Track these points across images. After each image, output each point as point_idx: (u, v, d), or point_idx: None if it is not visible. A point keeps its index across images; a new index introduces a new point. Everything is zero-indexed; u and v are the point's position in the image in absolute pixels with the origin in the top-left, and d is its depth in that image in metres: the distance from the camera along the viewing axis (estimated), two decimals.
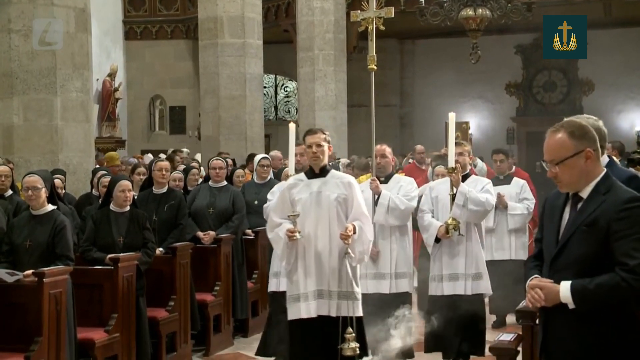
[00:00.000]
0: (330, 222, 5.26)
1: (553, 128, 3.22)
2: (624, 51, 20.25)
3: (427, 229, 6.35)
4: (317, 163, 5.40)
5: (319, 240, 5.26)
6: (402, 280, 6.37)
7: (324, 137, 5.40)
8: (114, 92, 17.77)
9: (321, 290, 5.25)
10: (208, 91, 14.41)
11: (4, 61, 8.34)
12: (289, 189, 5.45)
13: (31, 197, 5.64)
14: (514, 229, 8.24)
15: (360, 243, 5.25)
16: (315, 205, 5.29)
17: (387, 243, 6.38)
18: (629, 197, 3.08)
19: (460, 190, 6.14)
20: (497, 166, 8.58)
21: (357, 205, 5.30)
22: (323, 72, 16.46)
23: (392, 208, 6.26)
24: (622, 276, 2.98)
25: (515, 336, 3.20)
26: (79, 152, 8.66)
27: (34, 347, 5.08)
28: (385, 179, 6.49)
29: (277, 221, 5.35)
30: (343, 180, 5.43)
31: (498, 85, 22.09)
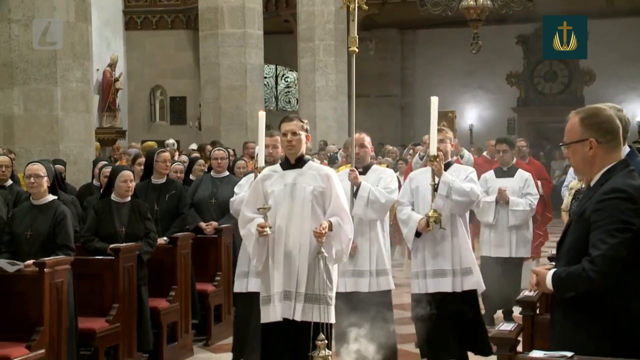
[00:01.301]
0: (304, 217, 4.85)
1: (575, 111, 3.26)
2: (626, 42, 20.22)
3: (407, 222, 5.98)
4: (293, 153, 4.99)
5: (289, 237, 4.84)
6: (382, 277, 5.97)
7: (301, 124, 5.00)
8: (114, 83, 17.75)
9: (287, 291, 4.83)
10: (208, 81, 14.41)
11: (4, 51, 8.33)
12: (262, 180, 5.05)
13: (33, 184, 5.64)
14: (514, 226, 7.75)
15: (338, 241, 4.84)
16: (288, 198, 4.89)
17: (366, 238, 5.97)
18: (609, 188, 3.07)
19: (444, 180, 5.75)
20: (500, 156, 8.05)
21: (336, 200, 4.89)
22: (324, 63, 16.46)
23: (372, 201, 5.86)
24: (584, 266, 3.01)
25: (515, 326, 3.21)
26: (80, 142, 8.66)
27: (35, 336, 5.09)
28: (363, 170, 6.05)
29: (249, 216, 4.96)
30: (321, 172, 5.00)
31: (499, 76, 22.08)
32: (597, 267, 2.97)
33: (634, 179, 3.12)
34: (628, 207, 3.01)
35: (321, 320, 4.69)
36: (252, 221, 4.90)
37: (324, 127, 16.35)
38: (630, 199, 3.02)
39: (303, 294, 4.81)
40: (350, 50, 6.31)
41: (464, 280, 5.89)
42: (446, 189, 5.73)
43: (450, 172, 5.93)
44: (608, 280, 2.98)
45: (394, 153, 13.04)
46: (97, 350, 5.78)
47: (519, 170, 7.99)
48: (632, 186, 3.06)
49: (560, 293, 3.13)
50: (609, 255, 2.96)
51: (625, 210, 3.00)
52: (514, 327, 3.18)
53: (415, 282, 5.98)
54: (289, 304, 4.80)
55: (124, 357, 6.07)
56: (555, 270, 3.14)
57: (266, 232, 4.79)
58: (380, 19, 19.92)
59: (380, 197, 5.87)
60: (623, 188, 3.04)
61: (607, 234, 2.98)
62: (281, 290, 4.81)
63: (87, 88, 8.79)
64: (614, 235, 2.97)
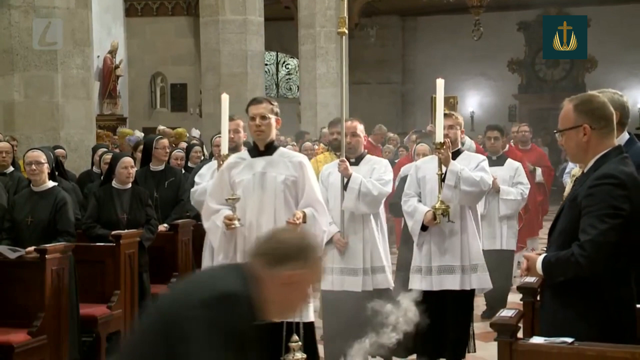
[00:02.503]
0: (276, 209, 4.52)
1: (569, 98, 3.28)
2: (628, 28, 20.17)
3: (412, 215, 5.52)
4: (262, 138, 4.62)
5: (261, 230, 4.41)
6: (379, 275, 5.50)
7: (271, 107, 4.63)
8: (114, 69, 17.71)
9: None
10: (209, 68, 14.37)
11: (4, 38, 8.31)
12: (228, 169, 4.67)
13: (34, 171, 5.65)
14: (505, 216, 7.37)
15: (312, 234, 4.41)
16: (258, 189, 4.55)
17: (359, 235, 5.51)
18: (600, 174, 3.08)
19: (451, 169, 5.30)
20: (491, 144, 7.66)
21: (310, 190, 4.57)
22: (324, 50, 16.42)
23: (364, 193, 5.41)
24: (573, 251, 3.02)
25: (516, 312, 3.21)
26: (80, 129, 8.65)
27: (37, 322, 5.11)
28: (355, 161, 5.63)
29: (214, 207, 4.60)
30: (293, 159, 4.65)
31: (500, 63, 22.03)
32: (586, 252, 2.98)
33: (626, 166, 3.12)
34: (619, 193, 3.01)
35: (300, 320, 4.30)
36: (218, 213, 4.54)
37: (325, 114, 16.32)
38: (621, 184, 3.03)
39: None
40: (339, 32, 5.95)
41: (473, 277, 5.46)
42: (454, 178, 5.29)
43: (460, 160, 5.51)
44: (597, 265, 2.99)
45: (395, 140, 13.04)
46: (99, 337, 5.80)
47: (509, 159, 7.64)
48: (623, 172, 3.07)
49: (550, 278, 3.15)
50: (599, 240, 2.97)
51: (616, 196, 3.01)
52: (515, 314, 3.18)
53: (417, 277, 5.52)
54: None
55: None
56: (545, 255, 3.16)
57: (235, 225, 4.44)
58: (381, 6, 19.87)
59: (373, 189, 5.43)
60: (614, 174, 3.05)
61: (597, 219, 2.99)
62: None
63: (88, 75, 8.78)
64: (604, 220, 2.98)
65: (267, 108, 4.62)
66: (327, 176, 5.66)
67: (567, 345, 2.89)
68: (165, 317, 2.39)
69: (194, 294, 2.39)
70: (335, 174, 5.54)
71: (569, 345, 2.89)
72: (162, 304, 2.49)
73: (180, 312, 2.35)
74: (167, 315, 2.38)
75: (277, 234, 2.58)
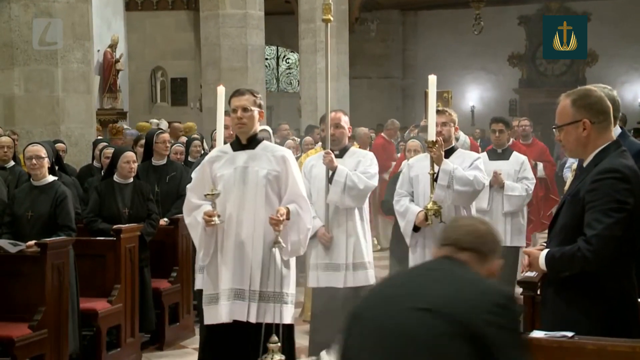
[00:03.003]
0: (257, 205, 4.34)
1: (566, 93, 3.27)
2: (628, 22, 20.14)
3: (404, 215, 5.34)
4: (244, 131, 4.46)
5: (242, 227, 4.33)
6: (360, 272, 5.41)
7: (254, 99, 4.45)
8: (115, 64, 17.69)
9: (239, 290, 4.30)
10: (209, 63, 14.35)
11: (4, 31, 8.29)
12: (209, 163, 4.52)
13: (34, 166, 5.65)
14: (510, 212, 7.15)
15: (296, 231, 4.36)
16: (239, 183, 4.38)
17: (343, 229, 5.41)
18: (603, 168, 3.08)
19: (444, 168, 5.13)
20: (496, 137, 7.45)
21: (293, 185, 4.40)
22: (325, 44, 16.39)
23: (350, 187, 5.29)
24: (579, 246, 3.02)
25: None
26: (81, 123, 8.64)
27: (37, 316, 5.11)
28: (339, 153, 5.50)
29: (195, 202, 4.44)
30: (276, 153, 4.48)
31: (501, 57, 22.01)
32: (592, 246, 2.98)
33: (627, 159, 3.14)
34: (623, 187, 3.02)
35: (275, 321, 4.21)
36: (199, 209, 4.39)
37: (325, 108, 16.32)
38: (624, 178, 3.03)
39: (257, 292, 4.30)
40: (324, 19, 5.64)
41: None
42: (447, 178, 5.13)
43: (454, 158, 5.34)
44: (603, 259, 3.00)
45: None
46: (99, 331, 5.81)
47: (514, 152, 7.46)
48: (626, 166, 3.08)
49: (554, 273, 3.15)
50: (605, 234, 2.97)
51: (620, 190, 3.01)
52: None
53: None
54: (242, 304, 4.28)
55: (126, 337, 6.10)
56: (548, 250, 3.16)
57: (214, 222, 4.26)
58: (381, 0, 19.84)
59: (359, 182, 5.33)
60: (618, 168, 3.05)
61: (602, 213, 2.99)
62: (230, 287, 4.30)
63: (88, 69, 8.76)
64: (609, 215, 2.99)
65: (249, 100, 4.45)
66: (310, 169, 5.56)
67: (568, 339, 2.90)
68: (456, 328, 2.20)
69: (484, 300, 2.27)
70: (319, 167, 5.41)
71: (569, 340, 2.90)
72: (431, 319, 2.24)
73: (480, 320, 2.22)
74: (458, 326, 2.21)
75: (469, 227, 2.56)
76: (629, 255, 3.08)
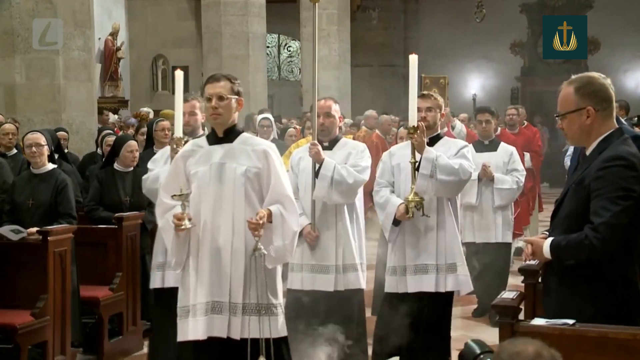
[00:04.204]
0: (235, 206, 3.85)
1: (568, 81, 3.24)
2: (631, 10, 20.09)
3: (384, 207, 4.92)
4: (220, 122, 3.96)
5: (219, 231, 3.84)
6: (351, 274, 4.97)
7: (231, 86, 3.98)
8: (116, 52, 17.66)
9: (218, 302, 3.81)
10: (211, 51, 14.34)
11: (5, 19, 8.28)
12: (183, 158, 4.02)
13: (34, 153, 5.65)
14: (500, 206, 6.80)
15: (279, 236, 3.84)
16: (215, 182, 3.90)
17: (332, 228, 4.97)
18: (609, 156, 3.07)
19: (427, 157, 4.70)
20: (482, 128, 7.11)
21: (277, 184, 3.90)
22: (326, 32, 16.37)
23: (338, 181, 4.86)
24: (586, 234, 3.01)
25: (517, 294, 3.22)
26: (82, 111, 8.64)
27: (39, 304, 5.12)
28: (329, 145, 5.07)
29: (168, 203, 3.93)
30: (257, 147, 3.96)
31: (503, 45, 21.97)
32: (600, 234, 2.98)
33: (630, 147, 3.13)
34: (630, 174, 3.02)
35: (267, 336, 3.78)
36: (172, 210, 3.91)
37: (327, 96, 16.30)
38: (631, 166, 3.03)
39: (240, 305, 3.81)
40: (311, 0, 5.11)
41: (449, 278, 4.86)
42: (430, 167, 4.69)
43: (438, 147, 4.92)
44: (611, 247, 3.00)
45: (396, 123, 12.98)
46: (101, 318, 5.82)
47: (502, 143, 7.10)
48: (632, 154, 3.08)
49: (559, 261, 3.14)
50: (613, 222, 2.97)
51: (627, 177, 3.01)
52: (516, 295, 3.19)
53: (392, 279, 4.94)
54: (221, 318, 3.80)
55: (128, 325, 6.12)
56: (553, 238, 3.15)
57: (184, 226, 3.77)
58: None
59: (348, 176, 4.88)
60: (624, 155, 3.04)
61: (609, 201, 2.99)
62: (207, 300, 3.81)
63: (89, 57, 8.75)
64: (616, 202, 2.98)
65: (225, 87, 3.96)
66: (298, 162, 5.15)
67: (569, 326, 2.90)
68: None
69: None
70: (307, 159, 5.00)
71: (571, 327, 2.90)
72: None
73: None
74: None
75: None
76: (634, 243, 3.08)
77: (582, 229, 3.05)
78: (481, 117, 7.15)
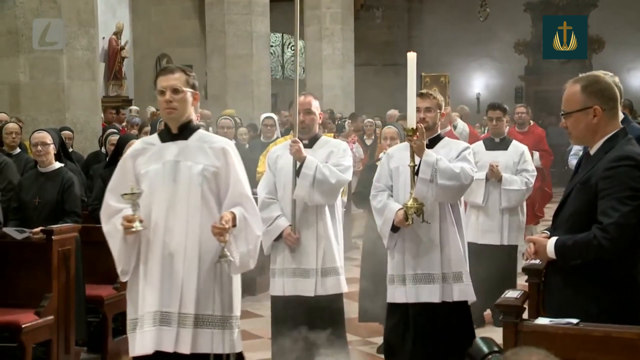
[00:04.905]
0: (190, 208, 3.56)
1: (573, 79, 3.22)
2: (635, 9, 20.05)
3: (382, 212, 4.69)
4: (174, 118, 3.66)
5: (172, 235, 3.55)
6: (331, 278, 4.76)
7: (186, 78, 3.67)
8: (120, 51, 17.68)
9: (166, 313, 3.51)
10: (214, 50, 14.36)
11: (9, 18, 8.30)
12: (132, 157, 3.72)
13: (40, 152, 5.68)
14: (507, 208, 6.54)
15: (243, 241, 3.58)
16: (168, 182, 3.60)
17: (312, 229, 4.75)
18: (616, 156, 3.05)
19: (426, 160, 4.48)
20: (493, 125, 6.84)
21: (236, 184, 3.63)
22: (330, 31, 16.37)
23: (320, 181, 4.65)
24: (595, 234, 3.00)
25: (521, 293, 3.21)
26: (86, 110, 8.66)
27: (44, 303, 5.13)
28: (309, 143, 4.85)
29: (115, 207, 3.62)
30: (214, 145, 3.68)
31: (507, 44, 21.94)
32: (609, 234, 2.96)
33: (635, 147, 3.12)
34: (638, 174, 3.01)
35: (220, 351, 3.51)
36: (119, 213, 3.60)
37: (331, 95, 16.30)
38: (639, 166, 3.02)
39: (192, 317, 3.51)
40: None
41: (455, 288, 4.67)
42: (430, 171, 4.48)
43: (438, 148, 4.71)
44: (620, 247, 2.99)
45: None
46: (105, 317, 5.82)
47: (514, 141, 6.84)
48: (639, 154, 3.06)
49: (565, 261, 3.12)
50: (622, 222, 2.96)
51: (635, 177, 3.00)
52: (520, 295, 3.18)
53: (392, 288, 4.76)
54: (169, 331, 3.49)
55: None
56: (557, 238, 3.13)
57: (134, 228, 3.48)
58: None
59: (330, 176, 4.68)
60: (632, 155, 3.04)
61: (618, 201, 2.98)
62: (156, 310, 3.51)
63: (93, 56, 8.77)
64: (625, 202, 2.97)
65: (180, 79, 3.65)
66: (276, 160, 4.92)
67: (573, 326, 2.90)
68: None
69: None
70: (286, 157, 4.79)
71: (575, 326, 2.90)
72: None
73: None
74: None
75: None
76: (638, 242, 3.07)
77: (586, 228, 3.04)
78: (492, 114, 6.84)
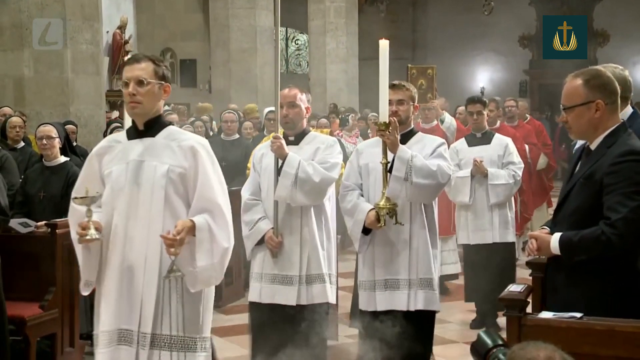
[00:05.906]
0: (153, 214, 3.21)
1: (574, 73, 3.19)
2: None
3: (352, 213, 4.39)
4: (139, 113, 3.30)
5: (132, 244, 3.22)
6: (316, 286, 4.38)
7: (154, 68, 3.29)
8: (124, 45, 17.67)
9: (125, 331, 3.21)
10: (219, 44, 14.37)
11: (14, 12, 8.30)
12: (98, 156, 3.40)
13: (45, 146, 5.70)
14: (497, 204, 6.26)
15: (205, 254, 3.19)
16: (131, 184, 3.26)
17: (296, 233, 4.37)
18: (622, 150, 3.03)
19: (400, 157, 4.19)
20: (474, 120, 6.51)
21: (205, 188, 3.24)
22: (334, 25, 16.36)
23: (302, 179, 4.26)
24: (603, 230, 2.98)
25: (525, 287, 3.21)
26: (90, 104, 8.67)
27: (48, 296, 5.15)
28: (295, 139, 4.49)
29: (80, 210, 3.26)
30: (183, 143, 3.31)
31: (511, 38, 21.89)
32: (618, 230, 2.95)
33: (636, 141, 3.10)
34: None
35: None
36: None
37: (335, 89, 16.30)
38: None
39: (149, 336, 3.18)
40: None
41: (419, 295, 4.37)
42: (404, 168, 4.19)
43: (412, 144, 4.40)
44: (628, 242, 2.98)
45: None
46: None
47: (497, 135, 6.56)
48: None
49: (571, 257, 3.10)
50: (630, 217, 2.95)
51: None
52: (524, 289, 3.18)
53: (364, 294, 4.47)
54: (129, 351, 3.20)
55: None
56: (562, 234, 3.11)
57: (89, 237, 3.15)
58: None
59: (314, 174, 4.28)
60: (638, 150, 3.02)
61: (625, 196, 2.96)
62: (113, 328, 3.22)
63: (97, 50, 8.77)
64: (633, 197, 2.96)
65: (147, 70, 3.27)
66: (260, 159, 4.57)
67: (576, 320, 2.89)
68: None
69: None
70: (270, 156, 4.42)
71: (578, 320, 2.89)
72: None
73: None
74: None
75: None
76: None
77: (590, 224, 3.02)
78: (472, 108, 6.51)
